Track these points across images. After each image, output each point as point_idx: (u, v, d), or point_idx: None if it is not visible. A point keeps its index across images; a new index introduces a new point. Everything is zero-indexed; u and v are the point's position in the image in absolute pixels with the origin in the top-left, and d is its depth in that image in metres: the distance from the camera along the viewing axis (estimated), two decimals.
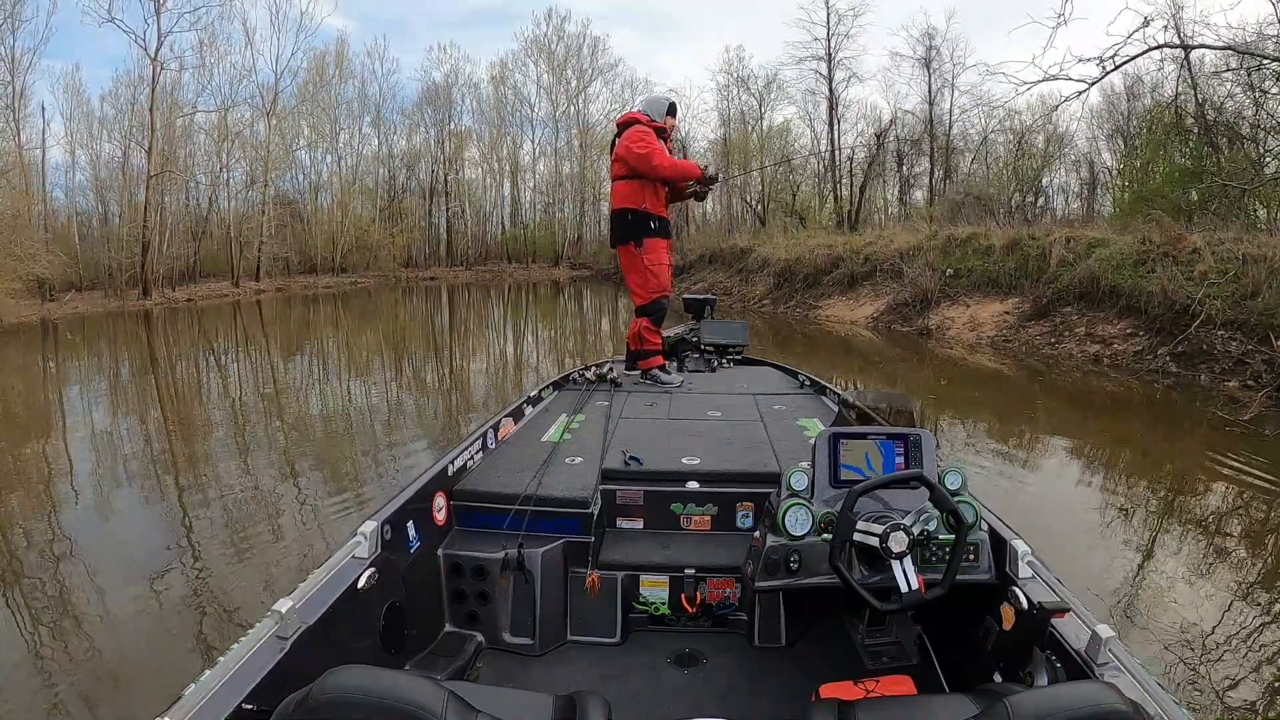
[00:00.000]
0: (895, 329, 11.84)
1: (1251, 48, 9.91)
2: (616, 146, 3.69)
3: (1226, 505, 3.99)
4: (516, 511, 2.01)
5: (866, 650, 1.87)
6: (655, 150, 3.56)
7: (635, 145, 3.56)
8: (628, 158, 3.59)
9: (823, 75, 28.28)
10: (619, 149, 3.65)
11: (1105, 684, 0.98)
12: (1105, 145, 24.24)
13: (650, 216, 3.66)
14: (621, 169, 3.66)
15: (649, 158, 3.56)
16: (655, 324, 3.78)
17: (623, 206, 3.67)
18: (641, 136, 3.57)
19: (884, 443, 1.72)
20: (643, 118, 3.68)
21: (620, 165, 3.66)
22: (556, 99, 37.77)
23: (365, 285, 30.47)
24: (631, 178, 3.62)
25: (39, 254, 19.53)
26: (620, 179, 3.69)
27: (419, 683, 0.90)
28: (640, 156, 3.55)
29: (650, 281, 3.71)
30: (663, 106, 3.79)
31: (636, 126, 3.63)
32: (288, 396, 8.33)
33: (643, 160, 3.56)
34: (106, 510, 4.34)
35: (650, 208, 3.65)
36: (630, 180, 3.63)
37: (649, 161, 3.56)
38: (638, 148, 3.56)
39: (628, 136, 3.61)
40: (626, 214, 3.65)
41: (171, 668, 2.52)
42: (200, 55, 26.82)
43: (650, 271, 3.70)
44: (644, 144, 3.55)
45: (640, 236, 3.65)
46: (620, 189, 3.69)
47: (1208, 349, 7.26)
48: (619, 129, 3.75)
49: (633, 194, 3.63)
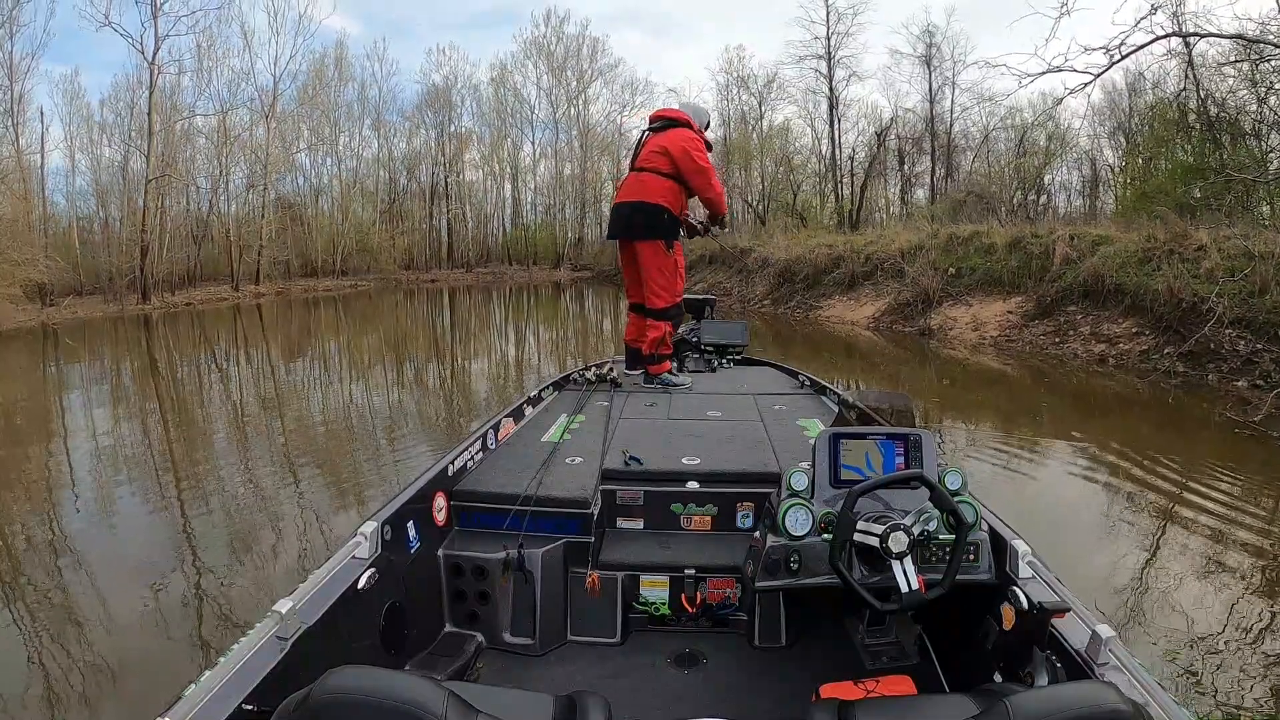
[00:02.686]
0: (897, 329, 11.82)
1: (1259, 37, 9.84)
2: (663, 139, 3.52)
3: (1230, 508, 3.97)
4: (516, 512, 2.01)
5: (866, 650, 1.87)
6: (713, 170, 3.53)
7: (697, 154, 3.45)
8: (683, 162, 3.45)
9: (823, 74, 28.35)
10: (673, 145, 3.47)
11: (1105, 684, 0.98)
12: (1107, 142, 24.25)
13: (680, 222, 3.61)
14: (667, 165, 3.49)
15: (709, 175, 3.50)
16: (678, 328, 3.75)
17: (659, 204, 3.50)
18: (700, 147, 3.49)
19: (884, 443, 1.72)
20: (694, 124, 3.57)
21: (663, 160, 3.49)
22: (556, 100, 37.85)
23: (366, 288, 30.48)
24: (674, 177, 3.50)
25: (37, 259, 19.57)
26: (663, 175, 3.50)
27: (419, 683, 0.90)
28: (700, 171, 3.47)
29: (677, 285, 3.63)
30: (704, 118, 3.71)
31: (690, 132, 3.52)
32: (289, 401, 8.35)
33: (701, 176, 3.49)
34: (105, 516, 4.35)
35: (681, 213, 3.60)
36: (673, 180, 3.50)
37: (708, 179, 3.50)
38: (700, 158, 3.46)
39: (684, 139, 3.47)
40: (664, 212, 3.51)
41: (176, 664, 2.54)
42: (199, 59, 26.91)
43: (679, 274, 3.63)
44: (705, 158, 3.49)
45: (671, 238, 3.58)
46: (658, 184, 3.50)
47: (1215, 348, 7.17)
48: (660, 123, 3.62)
49: (673, 195, 3.51)
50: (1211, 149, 13.27)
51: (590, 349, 12.02)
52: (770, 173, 31.56)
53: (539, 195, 40.17)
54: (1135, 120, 21.43)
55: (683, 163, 3.46)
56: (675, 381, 3.60)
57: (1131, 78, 20.59)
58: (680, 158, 3.46)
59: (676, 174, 3.49)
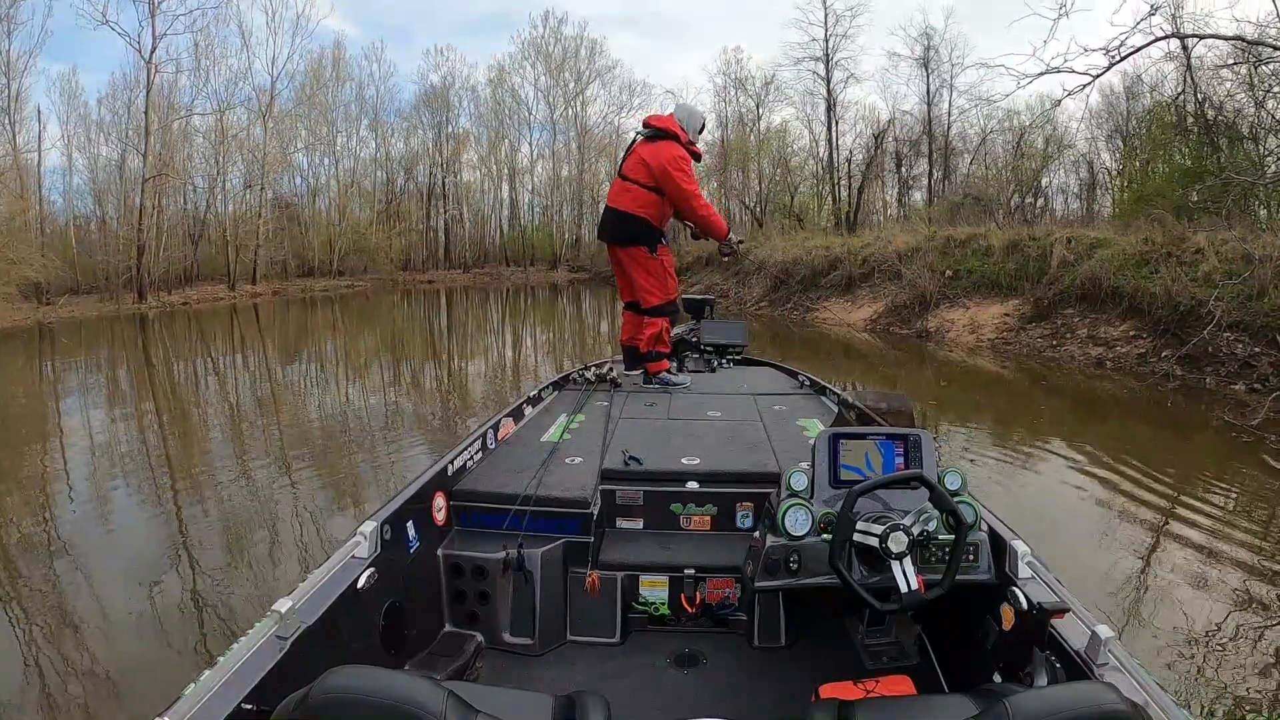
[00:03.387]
0: (894, 331, 11.83)
1: (1259, 39, 9.84)
2: (646, 151, 3.54)
3: (1230, 510, 3.98)
4: (516, 511, 2.01)
5: (866, 650, 1.87)
6: (698, 191, 3.54)
7: (678, 174, 3.46)
8: (665, 184, 3.47)
9: (821, 76, 28.36)
10: (655, 162, 3.47)
11: (1105, 684, 0.98)
12: (1105, 146, 24.32)
13: (661, 231, 3.65)
14: (647, 179, 3.52)
15: (692, 198, 3.52)
16: (674, 325, 3.78)
17: (640, 214, 3.55)
18: (684, 166, 3.49)
19: (884, 443, 1.73)
20: (682, 134, 3.56)
21: (646, 173, 3.52)
22: (554, 101, 37.79)
23: (363, 288, 30.42)
24: (656, 191, 3.52)
25: (34, 258, 19.51)
26: (644, 187, 3.54)
27: (419, 683, 0.90)
28: (683, 194, 3.49)
29: (668, 284, 3.69)
30: (698, 123, 3.71)
31: (677, 146, 3.51)
32: (284, 400, 8.32)
33: (684, 199, 3.51)
34: (100, 514, 4.33)
35: (662, 223, 3.64)
36: (655, 193, 3.53)
37: (690, 203, 3.52)
38: (683, 180, 3.47)
39: (668, 157, 3.46)
40: (645, 223, 3.57)
41: (170, 661, 2.53)
42: (196, 58, 26.81)
43: (667, 274, 3.69)
44: (689, 178, 3.50)
45: (654, 243, 3.62)
46: (640, 196, 3.55)
47: (1213, 351, 7.16)
48: (648, 131, 3.62)
49: (654, 207, 3.54)
50: (1209, 152, 13.30)
51: (587, 350, 12.02)
52: (768, 174, 31.55)
53: (536, 196, 40.14)
54: (1133, 123, 21.51)
55: (665, 184, 3.49)
56: (674, 381, 3.62)
57: (1129, 81, 20.68)
58: (661, 178, 3.49)
59: (658, 187, 3.52)
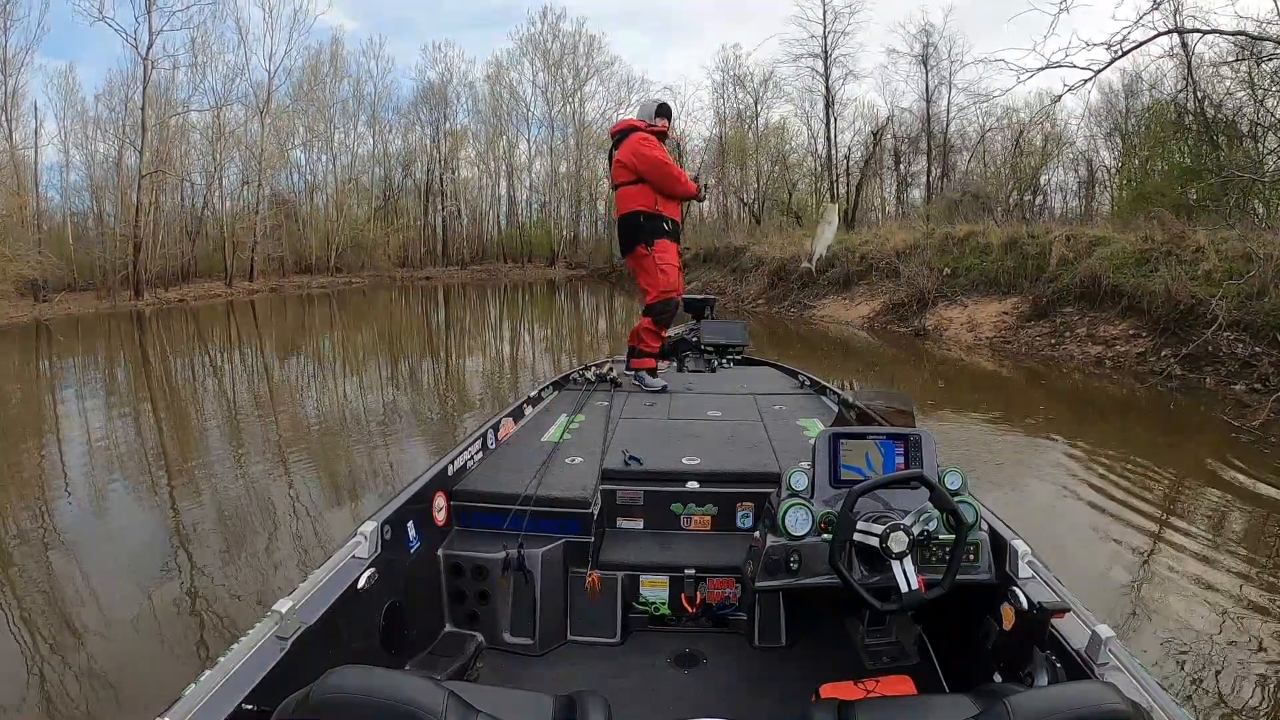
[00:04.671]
0: (892, 329, 11.82)
1: (1261, 35, 9.82)
2: (620, 153, 3.62)
3: (1229, 511, 3.99)
4: (516, 511, 2.00)
5: (866, 650, 1.87)
6: (666, 157, 3.57)
7: (646, 149, 3.52)
8: (637, 163, 3.54)
9: (819, 73, 28.28)
10: (626, 155, 3.58)
11: (1105, 684, 0.98)
12: (1104, 143, 24.31)
13: (663, 218, 3.63)
14: (626, 175, 3.60)
15: (665, 168, 3.55)
16: (658, 324, 3.72)
17: (633, 210, 3.61)
18: (648, 141, 3.54)
19: (884, 443, 1.73)
20: (640, 124, 3.64)
21: (625, 171, 3.60)
22: (552, 98, 37.72)
23: (360, 285, 30.35)
24: (638, 182, 3.58)
25: (30, 255, 19.44)
26: (626, 184, 3.62)
27: (419, 683, 0.90)
28: (655, 165, 3.53)
29: (660, 279, 3.64)
30: (653, 108, 3.75)
31: (637, 132, 3.59)
32: (281, 397, 8.31)
33: (658, 170, 3.54)
34: (97, 510, 4.32)
35: (663, 209, 3.62)
36: (638, 184, 3.58)
37: (662, 169, 3.55)
38: (649, 151, 3.52)
39: (633, 144, 3.56)
40: (639, 216, 3.60)
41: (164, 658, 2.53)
42: (193, 54, 26.67)
43: (660, 269, 3.64)
44: (655, 150, 3.53)
45: (652, 238, 3.62)
46: (627, 194, 3.63)
47: (1213, 350, 7.12)
48: (615, 137, 3.71)
49: (642, 196, 3.59)
50: (1208, 150, 13.31)
51: (585, 347, 12.01)
52: (766, 171, 31.53)
53: (534, 193, 40.10)
54: (1132, 121, 21.48)
55: (639, 166, 3.56)
56: (648, 382, 3.56)
57: (1128, 79, 20.64)
58: (635, 162, 3.56)
59: (639, 176, 3.58)
